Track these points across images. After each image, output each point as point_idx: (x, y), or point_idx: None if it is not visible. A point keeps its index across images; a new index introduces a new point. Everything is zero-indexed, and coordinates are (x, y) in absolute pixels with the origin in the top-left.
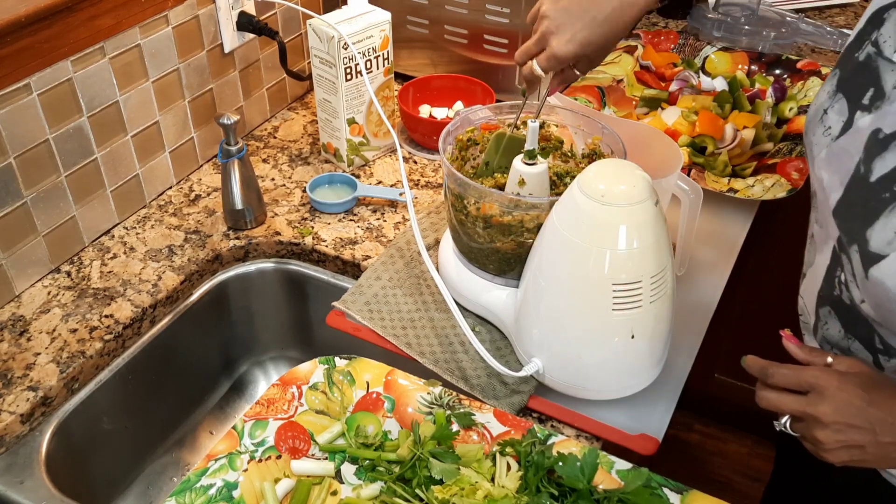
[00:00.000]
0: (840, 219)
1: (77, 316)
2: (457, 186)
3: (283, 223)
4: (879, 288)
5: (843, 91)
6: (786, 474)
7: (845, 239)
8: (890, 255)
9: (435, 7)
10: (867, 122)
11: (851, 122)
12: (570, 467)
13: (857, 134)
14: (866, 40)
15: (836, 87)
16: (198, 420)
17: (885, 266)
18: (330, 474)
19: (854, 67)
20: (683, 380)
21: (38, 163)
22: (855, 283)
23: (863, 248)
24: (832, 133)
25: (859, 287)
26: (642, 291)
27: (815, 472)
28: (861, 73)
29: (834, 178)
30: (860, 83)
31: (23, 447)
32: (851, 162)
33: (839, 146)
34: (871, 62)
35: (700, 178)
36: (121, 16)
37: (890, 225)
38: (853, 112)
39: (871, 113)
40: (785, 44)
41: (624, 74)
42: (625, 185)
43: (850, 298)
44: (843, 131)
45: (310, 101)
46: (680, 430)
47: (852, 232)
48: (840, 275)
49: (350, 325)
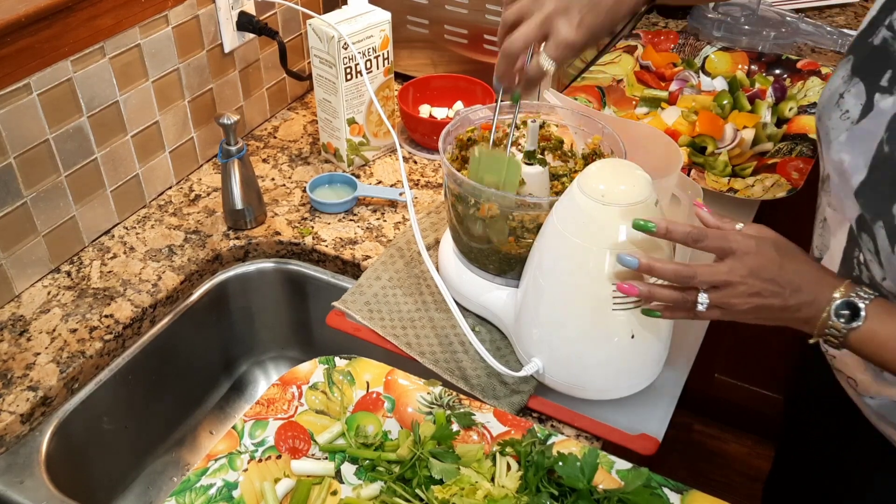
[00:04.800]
0: (865, 198)
1: (77, 316)
2: (457, 186)
3: (283, 223)
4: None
5: (859, 75)
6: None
7: (869, 217)
8: None
9: (435, 7)
10: (889, 104)
11: (872, 104)
12: (570, 467)
13: (880, 116)
14: (880, 25)
15: (850, 71)
16: (198, 420)
17: None
18: (330, 474)
19: (869, 52)
20: (683, 380)
21: (38, 163)
22: (877, 261)
23: (889, 224)
24: (851, 116)
25: (883, 264)
26: None
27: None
28: (877, 57)
29: (858, 160)
30: (877, 66)
31: (23, 447)
32: (875, 142)
33: (862, 129)
34: (887, 46)
35: (700, 178)
36: (121, 16)
37: None
38: (871, 94)
39: (893, 94)
40: (785, 44)
41: (624, 74)
42: (625, 185)
43: (871, 277)
44: (863, 114)
45: (310, 101)
46: (680, 430)
47: (878, 209)
48: (858, 255)
49: (350, 325)
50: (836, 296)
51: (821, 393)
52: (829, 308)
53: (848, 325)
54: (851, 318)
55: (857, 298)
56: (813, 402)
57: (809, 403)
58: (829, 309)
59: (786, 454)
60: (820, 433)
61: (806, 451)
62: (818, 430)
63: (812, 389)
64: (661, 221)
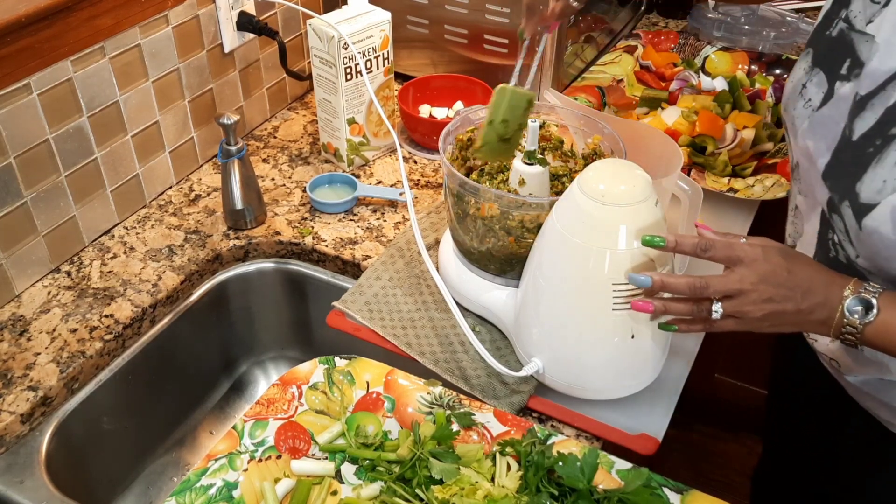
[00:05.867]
0: (831, 180)
1: (77, 316)
2: (457, 186)
3: (283, 223)
4: (875, 236)
5: (819, 66)
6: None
7: (836, 198)
8: (881, 203)
9: (435, 7)
10: (847, 90)
11: (832, 92)
12: (570, 467)
13: (840, 101)
14: (836, 18)
15: (811, 63)
16: (198, 420)
17: (877, 213)
18: (330, 474)
19: (828, 43)
20: (683, 380)
21: (38, 163)
22: (848, 240)
23: (854, 203)
24: (813, 104)
25: (853, 242)
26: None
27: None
28: (836, 48)
29: (821, 145)
30: (836, 56)
31: (23, 447)
32: (837, 128)
33: (822, 115)
34: (844, 37)
35: (700, 178)
36: (121, 16)
37: (878, 175)
38: (832, 83)
39: (851, 81)
40: (785, 44)
41: (624, 74)
42: (625, 185)
43: (847, 257)
44: (824, 101)
45: (310, 101)
46: (680, 430)
47: (843, 189)
48: (833, 236)
49: (350, 325)
50: (847, 294)
51: (805, 379)
52: (842, 307)
53: (863, 320)
54: (865, 312)
55: (867, 293)
56: (799, 388)
57: (796, 391)
58: (841, 308)
59: (773, 444)
60: (806, 419)
61: (794, 439)
62: (804, 416)
63: (796, 376)
64: (669, 236)
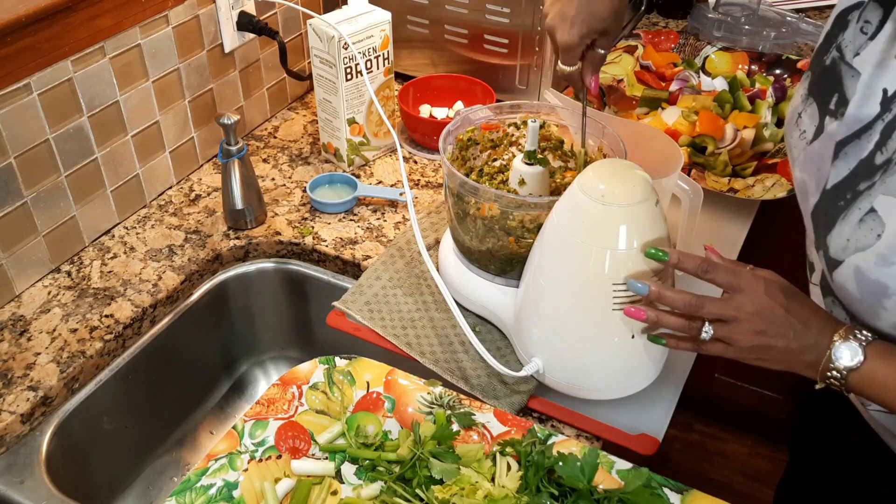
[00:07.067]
0: (814, 222)
1: (77, 316)
2: (457, 186)
3: (283, 223)
4: (842, 291)
5: (813, 95)
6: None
7: (817, 241)
8: (845, 261)
9: (435, 7)
10: (834, 129)
11: (822, 127)
12: (570, 467)
13: (828, 139)
14: (833, 42)
15: (807, 90)
16: (198, 420)
17: (842, 271)
18: (330, 474)
19: (822, 71)
20: (683, 380)
21: (38, 163)
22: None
23: (826, 254)
24: (807, 137)
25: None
26: None
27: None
28: (828, 78)
29: (811, 182)
30: (827, 88)
31: (23, 447)
32: (826, 167)
33: (813, 150)
34: (835, 66)
35: (700, 178)
36: (121, 16)
37: (843, 233)
38: (823, 117)
39: (837, 119)
40: (785, 44)
41: (624, 74)
42: (625, 185)
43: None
44: (815, 135)
45: (310, 101)
46: (680, 430)
47: (819, 237)
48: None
49: (350, 325)
50: (836, 339)
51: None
52: (830, 351)
53: (847, 367)
54: (851, 359)
55: (856, 340)
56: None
57: (821, 410)
58: (829, 352)
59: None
60: (829, 440)
61: (817, 458)
62: (828, 436)
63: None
64: (672, 252)
